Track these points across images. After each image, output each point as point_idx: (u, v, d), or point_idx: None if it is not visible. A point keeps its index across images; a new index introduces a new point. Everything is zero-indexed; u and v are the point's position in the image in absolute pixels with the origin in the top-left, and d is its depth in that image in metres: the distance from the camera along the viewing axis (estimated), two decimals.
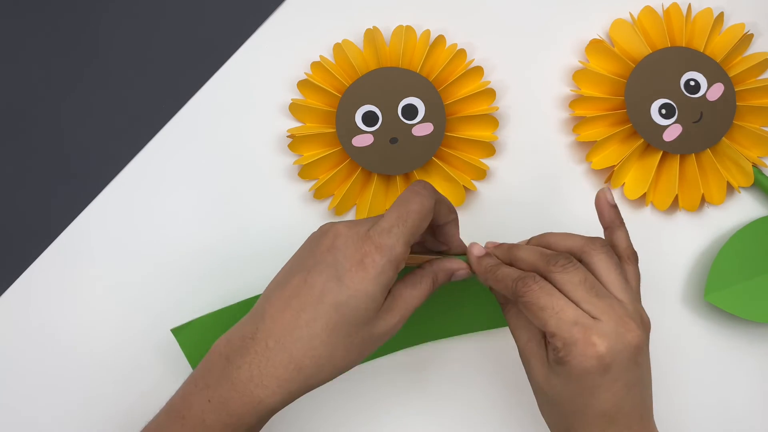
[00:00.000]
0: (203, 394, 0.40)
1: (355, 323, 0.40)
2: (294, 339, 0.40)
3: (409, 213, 0.41)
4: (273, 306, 0.41)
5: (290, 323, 0.40)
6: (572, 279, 0.40)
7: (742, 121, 0.54)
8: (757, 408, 0.53)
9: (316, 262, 0.41)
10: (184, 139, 0.54)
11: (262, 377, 0.39)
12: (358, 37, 0.54)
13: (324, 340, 0.40)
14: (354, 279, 0.40)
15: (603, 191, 0.44)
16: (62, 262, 0.53)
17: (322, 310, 0.40)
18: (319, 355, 0.40)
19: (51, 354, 0.52)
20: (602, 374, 0.39)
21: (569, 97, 0.55)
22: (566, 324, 0.39)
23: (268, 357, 0.40)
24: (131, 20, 0.55)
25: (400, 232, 0.40)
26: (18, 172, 0.54)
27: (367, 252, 0.40)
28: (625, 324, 0.39)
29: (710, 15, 0.54)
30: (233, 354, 0.40)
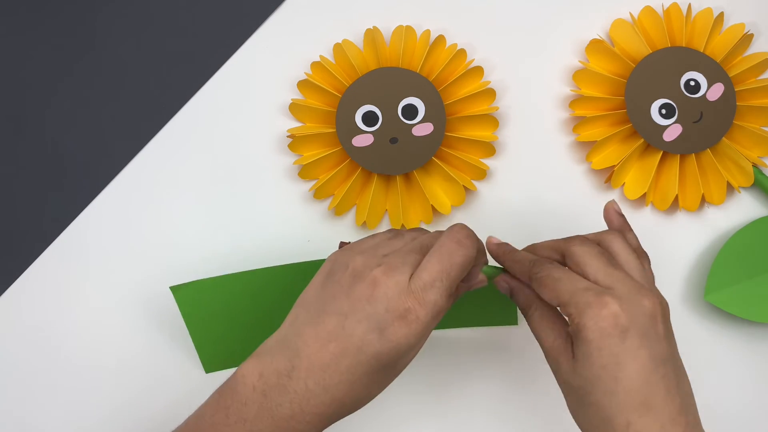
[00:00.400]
0: (239, 428, 0.39)
1: (394, 367, 0.41)
2: (335, 383, 0.39)
3: (453, 266, 0.41)
4: (308, 346, 0.40)
5: (330, 367, 0.39)
6: (590, 251, 0.41)
7: (742, 121, 0.54)
8: (757, 408, 0.53)
9: (354, 309, 0.40)
10: (183, 139, 0.54)
11: (304, 415, 0.39)
12: (358, 37, 0.54)
13: (365, 384, 0.40)
14: (397, 333, 0.39)
15: (611, 203, 0.46)
16: (62, 263, 0.53)
17: (363, 359, 0.39)
18: (358, 395, 0.40)
19: (50, 354, 0.52)
20: (622, 338, 0.38)
21: (569, 97, 0.55)
22: (580, 290, 0.39)
23: (309, 398, 0.39)
24: (131, 20, 0.55)
25: (444, 286, 0.40)
26: (17, 172, 0.54)
27: (410, 308, 0.39)
28: (639, 290, 0.39)
29: (710, 15, 0.54)
30: (270, 391, 0.39)
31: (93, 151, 0.54)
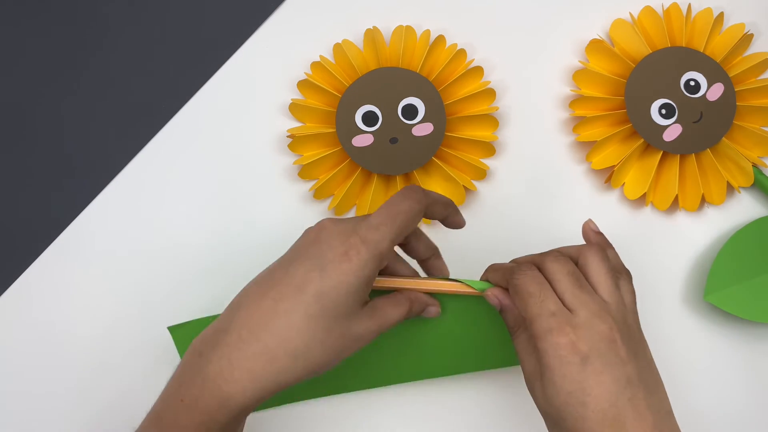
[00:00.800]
0: (177, 394, 0.40)
1: (334, 315, 0.39)
2: (269, 329, 0.39)
3: (399, 213, 0.41)
4: (249, 297, 0.40)
5: (267, 313, 0.39)
6: (561, 269, 0.42)
7: (742, 121, 0.54)
8: (757, 408, 0.53)
9: (299, 255, 0.41)
10: (184, 139, 0.54)
11: (232, 370, 0.38)
12: (358, 37, 0.54)
13: (301, 330, 0.39)
14: (337, 270, 0.39)
15: (588, 223, 0.46)
16: (63, 262, 0.53)
17: (302, 299, 0.39)
18: (294, 347, 0.39)
19: (51, 353, 0.52)
20: (582, 365, 0.39)
21: (569, 97, 0.55)
22: (545, 312, 0.40)
23: (240, 348, 0.39)
24: (131, 20, 0.55)
25: (387, 230, 0.41)
26: (18, 171, 0.54)
27: (352, 244, 0.40)
28: (599, 315, 0.40)
29: (710, 15, 0.54)
30: (205, 348, 0.39)
31: (94, 150, 0.54)
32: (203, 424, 0.39)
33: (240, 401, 0.39)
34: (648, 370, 0.41)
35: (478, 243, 0.54)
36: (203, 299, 0.52)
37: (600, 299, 0.41)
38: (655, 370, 0.42)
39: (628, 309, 0.43)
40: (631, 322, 0.42)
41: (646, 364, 0.41)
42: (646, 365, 0.41)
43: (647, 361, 0.41)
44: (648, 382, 0.40)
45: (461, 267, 0.53)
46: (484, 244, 0.54)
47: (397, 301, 0.44)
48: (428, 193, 0.43)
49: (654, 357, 0.43)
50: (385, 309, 0.43)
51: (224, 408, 0.38)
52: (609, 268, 0.42)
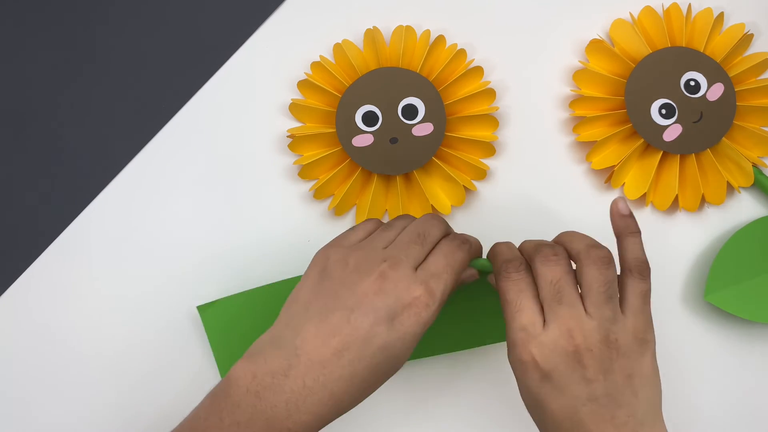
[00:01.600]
0: (232, 430, 0.39)
1: (395, 363, 0.40)
2: (335, 378, 0.39)
3: (457, 262, 0.42)
4: (308, 342, 0.39)
5: (331, 363, 0.39)
6: (546, 274, 0.41)
7: (742, 121, 0.54)
8: (756, 408, 0.53)
9: (361, 303, 0.40)
10: (184, 139, 0.54)
11: (300, 414, 0.39)
12: (358, 37, 0.54)
13: (365, 378, 0.39)
14: (405, 323, 0.40)
15: (616, 201, 0.44)
16: (62, 262, 0.53)
17: (368, 351, 0.39)
18: (357, 390, 0.40)
19: (51, 354, 0.52)
20: (541, 382, 0.40)
21: (569, 97, 0.55)
22: (516, 325, 0.41)
23: (306, 396, 0.39)
24: (131, 20, 0.55)
25: (449, 279, 0.41)
26: (18, 171, 0.54)
27: (419, 296, 0.40)
28: (570, 334, 0.40)
29: (710, 15, 0.54)
30: (264, 392, 0.39)
31: (93, 150, 0.54)
32: None
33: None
34: (627, 382, 0.40)
35: None
36: (203, 299, 0.52)
37: (579, 314, 0.40)
38: (644, 379, 0.41)
39: (628, 316, 0.41)
40: (616, 335, 0.40)
41: (625, 377, 0.40)
42: (625, 378, 0.40)
43: (630, 373, 0.40)
44: (620, 396, 0.40)
45: None
46: (484, 244, 0.53)
47: None
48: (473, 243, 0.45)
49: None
50: None
51: None
52: (605, 281, 0.41)
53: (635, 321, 0.41)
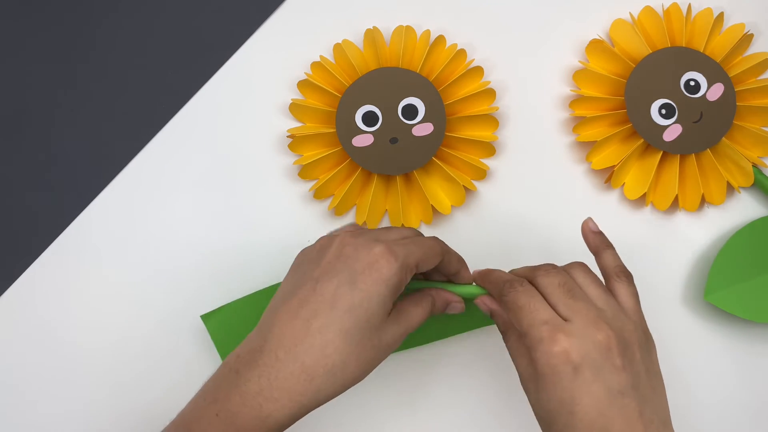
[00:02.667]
0: (211, 409, 0.40)
1: (367, 327, 0.40)
2: (306, 348, 0.39)
3: (423, 242, 0.43)
4: (280, 318, 0.41)
5: (300, 332, 0.40)
6: (552, 281, 0.42)
7: (742, 121, 0.54)
8: (757, 408, 0.53)
9: (324, 271, 0.41)
10: (184, 139, 0.55)
11: (272, 390, 0.39)
12: (358, 37, 0.54)
13: (337, 346, 0.39)
14: (367, 281, 0.40)
15: (586, 221, 0.46)
16: (62, 262, 0.53)
17: (335, 315, 0.40)
18: (332, 363, 0.39)
19: (52, 353, 0.52)
20: (574, 375, 0.39)
21: (569, 97, 0.55)
22: (537, 322, 0.40)
23: (279, 368, 0.39)
24: (131, 21, 0.55)
25: (412, 250, 0.42)
26: (18, 172, 0.54)
27: (380, 254, 0.41)
28: (595, 324, 0.40)
29: (710, 15, 0.54)
30: (242, 368, 0.40)
31: (94, 150, 0.55)
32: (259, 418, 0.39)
33: (279, 419, 0.39)
34: (647, 377, 0.41)
35: (478, 243, 0.54)
36: (203, 298, 0.52)
37: (595, 307, 0.41)
38: (656, 377, 0.41)
39: (629, 314, 0.42)
40: (631, 328, 0.41)
41: (644, 371, 0.40)
42: (644, 372, 0.40)
43: (647, 368, 0.41)
44: (644, 391, 0.40)
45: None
46: (484, 244, 0.54)
47: (419, 300, 0.45)
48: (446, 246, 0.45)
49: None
50: (408, 310, 0.43)
51: (263, 426, 0.39)
52: (596, 281, 0.43)
53: (637, 318, 0.42)
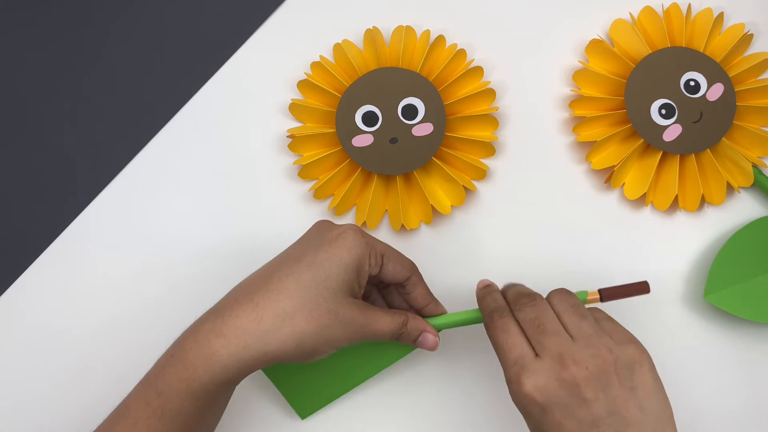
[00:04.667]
0: (169, 351, 0.41)
1: (324, 286, 0.41)
2: (263, 291, 0.41)
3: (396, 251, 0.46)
4: (255, 273, 0.44)
5: (262, 279, 0.42)
6: (525, 317, 0.43)
7: (742, 121, 0.54)
8: (756, 408, 0.53)
9: (302, 239, 0.46)
10: (183, 139, 0.54)
11: (222, 326, 0.40)
12: (358, 37, 0.54)
13: (291, 293, 0.41)
14: (331, 245, 0.43)
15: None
16: (62, 262, 0.53)
17: (296, 267, 0.42)
18: (282, 307, 0.41)
19: (51, 354, 0.52)
20: (542, 414, 0.40)
21: (569, 97, 0.55)
22: (509, 362, 0.42)
23: (233, 307, 0.41)
24: (131, 21, 0.55)
25: (381, 242, 0.45)
26: (17, 172, 0.54)
27: (345, 229, 0.44)
28: (560, 361, 0.40)
29: (710, 15, 0.54)
30: (205, 314, 0.42)
31: (93, 150, 0.54)
32: (184, 380, 0.40)
33: (224, 358, 0.40)
34: (630, 399, 0.40)
35: (477, 243, 0.54)
36: (203, 298, 0.52)
37: (565, 340, 0.41)
38: (647, 395, 0.41)
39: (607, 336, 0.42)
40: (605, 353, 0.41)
41: (626, 394, 0.40)
42: (626, 395, 0.40)
43: (631, 388, 0.40)
44: (627, 414, 0.40)
45: (462, 266, 0.53)
46: (483, 244, 0.54)
47: (392, 311, 0.45)
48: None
49: (654, 357, 0.42)
50: (376, 312, 0.44)
51: (208, 363, 0.40)
52: (572, 303, 0.44)
53: (615, 332, 0.42)
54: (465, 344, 0.52)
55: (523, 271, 0.51)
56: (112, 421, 0.42)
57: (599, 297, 0.46)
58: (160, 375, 0.41)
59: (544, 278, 0.53)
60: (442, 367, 0.52)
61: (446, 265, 0.53)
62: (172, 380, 0.40)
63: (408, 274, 0.46)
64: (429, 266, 0.53)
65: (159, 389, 0.40)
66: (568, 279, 0.52)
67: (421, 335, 0.46)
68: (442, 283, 0.52)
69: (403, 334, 0.45)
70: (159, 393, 0.40)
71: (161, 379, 0.41)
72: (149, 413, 0.40)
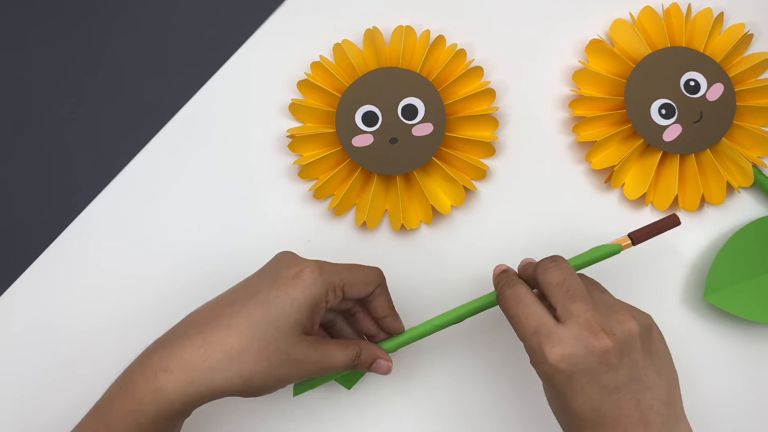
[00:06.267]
0: (118, 382, 0.41)
1: (275, 326, 0.41)
2: (212, 327, 0.41)
3: (357, 268, 0.45)
4: (207, 304, 0.43)
5: (214, 313, 0.41)
6: (551, 281, 0.42)
7: (742, 121, 0.54)
8: (757, 408, 0.53)
9: (259, 273, 0.44)
10: (183, 139, 0.54)
11: (170, 360, 0.40)
12: (358, 37, 0.54)
13: (240, 331, 0.40)
14: (286, 284, 0.42)
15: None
16: (62, 262, 0.53)
17: (249, 304, 0.41)
18: (230, 345, 0.40)
19: (49, 354, 0.52)
20: (567, 379, 0.40)
21: (569, 97, 0.55)
22: (528, 333, 0.41)
23: (182, 342, 0.40)
24: (131, 21, 0.55)
25: (340, 270, 0.44)
26: (17, 172, 0.54)
27: (306, 266, 0.42)
28: (591, 329, 0.40)
29: (710, 15, 0.54)
30: (154, 345, 0.42)
31: (93, 150, 0.54)
32: (132, 413, 0.40)
33: (170, 393, 0.39)
34: (648, 363, 0.41)
35: (477, 243, 0.54)
36: (203, 298, 0.52)
37: (592, 306, 0.41)
38: (661, 359, 0.42)
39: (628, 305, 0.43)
40: (628, 318, 0.41)
41: (645, 358, 0.41)
42: (645, 359, 0.41)
43: (650, 351, 0.41)
44: (646, 378, 0.41)
45: (461, 267, 0.53)
46: (483, 245, 0.54)
47: (345, 344, 0.45)
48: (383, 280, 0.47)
49: None
50: (329, 347, 0.44)
51: (155, 397, 0.39)
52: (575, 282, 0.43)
53: (626, 306, 0.43)
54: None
55: None
56: None
57: (631, 242, 0.46)
58: (109, 407, 0.41)
59: None
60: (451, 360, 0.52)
61: (446, 265, 0.53)
62: (120, 412, 0.40)
63: (372, 288, 0.46)
64: (429, 266, 0.53)
65: (108, 422, 0.40)
66: None
67: (374, 362, 0.46)
68: (441, 283, 0.52)
69: (357, 364, 0.45)
70: (108, 426, 0.40)
71: (110, 411, 0.40)
72: None
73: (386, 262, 0.50)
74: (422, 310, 0.50)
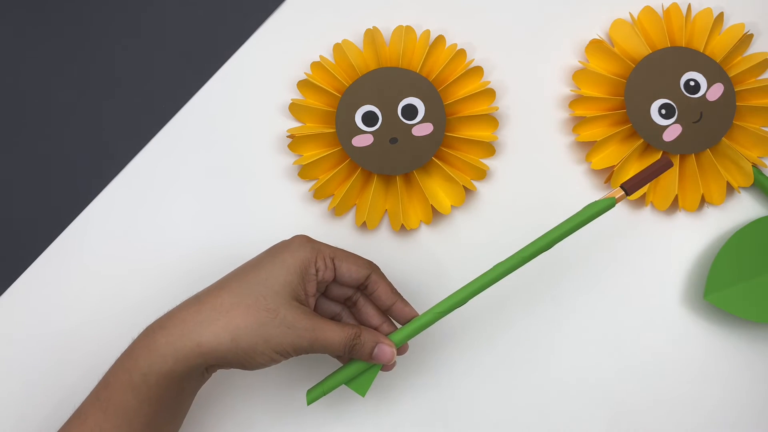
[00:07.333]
0: (124, 351, 0.43)
1: (264, 284, 0.42)
2: (208, 290, 0.44)
3: (350, 253, 0.46)
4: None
5: (218, 283, 0.44)
6: None
7: (742, 121, 0.54)
8: (756, 408, 0.53)
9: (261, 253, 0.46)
10: (183, 139, 0.54)
11: (167, 320, 0.42)
12: (358, 37, 0.54)
13: (231, 290, 0.42)
14: (275, 251, 0.44)
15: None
16: (62, 262, 0.53)
17: (241, 270, 0.44)
18: (220, 301, 0.42)
19: (51, 354, 0.52)
20: None
21: (569, 97, 0.55)
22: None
23: (180, 306, 0.43)
24: (131, 21, 0.55)
25: (331, 246, 0.46)
26: (18, 172, 0.54)
27: (297, 236, 0.45)
28: None
29: (710, 15, 0.54)
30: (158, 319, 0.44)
31: (93, 150, 0.54)
32: (127, 370, 0.41)
33: (161, 348, 0.41)
34: None
35: (478, 243, 0.54)
36: None
37: None
38: None
39: None
40: None
41: None
42: None
43: None
44: None
45: (461, 267, 0.53)
46: (484, 244, 0.54)
47: (344, 324, 0.44)
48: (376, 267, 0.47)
49: (653, 357, 0.42)
50: (326, 322, 0.43)
51: (148, 353, 0.41)
52: None
53: None
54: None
55: (523, 270, 0.51)
56: (69, 422, 0.43)
57: (624, 192, 0.44)
58: (110, 369, 0.43)
59: (545, 277, 0.53)
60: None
61: (446, 265, 0.53)
62: (117, 371, 0.42)
63: (366, 272, 0.46)
64: (429, 266, 0.53)
65: (107, 380, 0.42)
66: (569, 278, 0.52)
67: (376, 347, 0.44)
68: (441, 283, 0.52)
69: (356, 346, 0.44)
70: (106, 384, 0.42)
71: (110, 371, 0.42)
72: (97, 407, 0.42)
73: (386, 262, 0.50)
74: (422, 310, 0.49)
